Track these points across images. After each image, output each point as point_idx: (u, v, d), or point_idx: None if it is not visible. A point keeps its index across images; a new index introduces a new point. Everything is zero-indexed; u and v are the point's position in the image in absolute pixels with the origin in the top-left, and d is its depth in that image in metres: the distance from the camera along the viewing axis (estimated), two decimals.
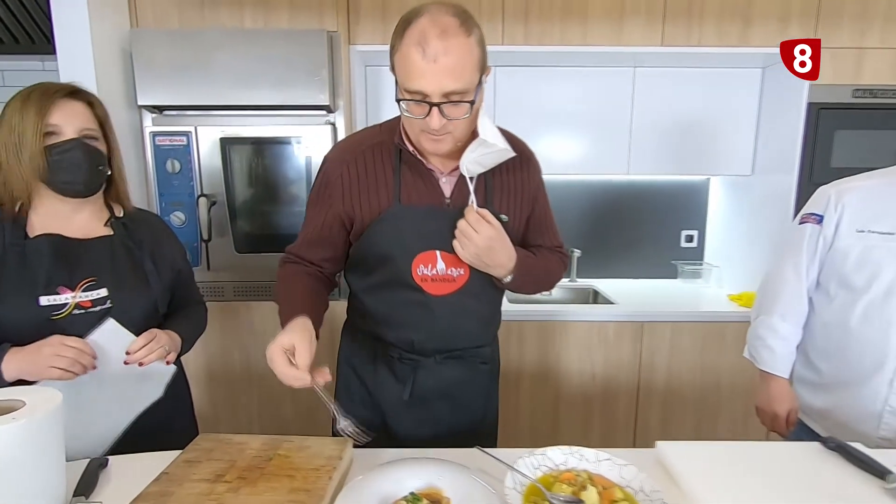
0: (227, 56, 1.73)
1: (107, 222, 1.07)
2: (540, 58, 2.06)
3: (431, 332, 1.03)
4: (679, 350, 2.07)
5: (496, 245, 0.95)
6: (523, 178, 1.06)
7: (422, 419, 1.09)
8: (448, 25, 0.82)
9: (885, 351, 1.09)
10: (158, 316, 1.10)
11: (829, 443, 0.94)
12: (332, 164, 1.01)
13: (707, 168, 2.33)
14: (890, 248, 1.09)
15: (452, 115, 0.87)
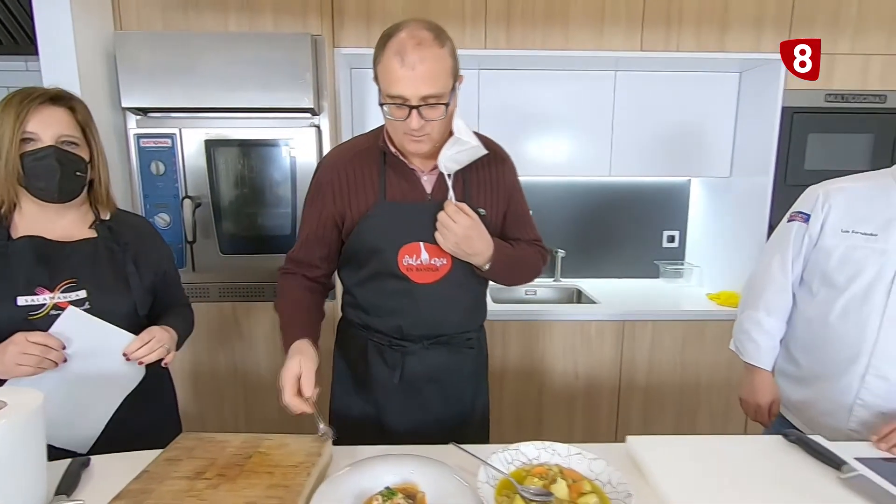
0: (212, 59, 1.74)
1: (91, 225, 1.08)
2: (522, 62, 2.10)
3: (418, 318, 1.12)
4: (660, 348, 2.12)
5: (473, 234, 1.03)
6: (498, 175, 1.15)
7: (412, 404, 1.16)
8: (424, 38, 0.93)
9: (859, 347, 1.13)
10: (138, 318, 1.11)
11: (790, 436, 0.99)
12: (324, 170, 1.12)
13: (687, 170, 2.38)
14: (872, 249, 1.12)
15: (429, 116, 0.97)
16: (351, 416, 1.20)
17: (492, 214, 1.13)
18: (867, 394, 1.13)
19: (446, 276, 1.10)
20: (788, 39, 1.94)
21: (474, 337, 1.22)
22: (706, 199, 2.53)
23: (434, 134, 1.00)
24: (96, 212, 1.10)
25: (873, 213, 1.14)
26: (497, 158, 1.15)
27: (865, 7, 1.94)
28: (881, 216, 1.13)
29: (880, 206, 1.14)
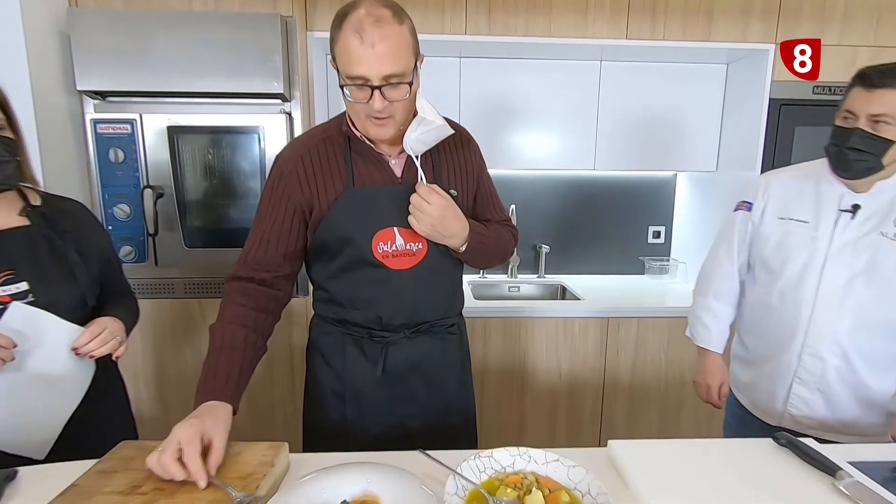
0: (175, 40, 1.63)
1: (21, 212, 0.98)
2: (505, 49, 2.02)
3: (397, 306, 1.07)
4: (644, 346, 2.07)
5: (449, 214, 1.00)
6: (466, 157, 1.13)
7: (396, 396, 1.11)
8: (382, 15, 0.87)
9: (795, 327, 1.20)
10: (87, 309, 1.03)
11: (781, 439, 0.93)
12: (284, 160, 1.04)
13: (673, 164, 2.34)
14: (804, 235, 1.20)
15: (392, 97, 0.91)
16: (328, 424, 1.13)
17: (462, 196, 1.10)
18: (804, 372, 1.20)
19: (423, 261, 1.06)
20: (781, 33, 1.91)
21: (455, 324, 1.18)
22: (692, 193, 2.49)
23: (398, 116, 0.95)
24: (24, 197, 1.00)
25: (806, 201, 1.21)
26: (463, 140, 1.13)
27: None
28: (812, 203, 1.20)
29: (812, 196, 1.21)
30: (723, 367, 1.36)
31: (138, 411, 1.89)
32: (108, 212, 1.73)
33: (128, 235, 1.74)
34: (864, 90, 1.06)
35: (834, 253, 1.16)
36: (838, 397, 1.18)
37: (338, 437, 1.11)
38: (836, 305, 1.16)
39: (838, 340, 1.16)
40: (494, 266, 1.22)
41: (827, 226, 1.17)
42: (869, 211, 1.14)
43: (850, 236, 1.15)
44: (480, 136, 2.17)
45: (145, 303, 1.82)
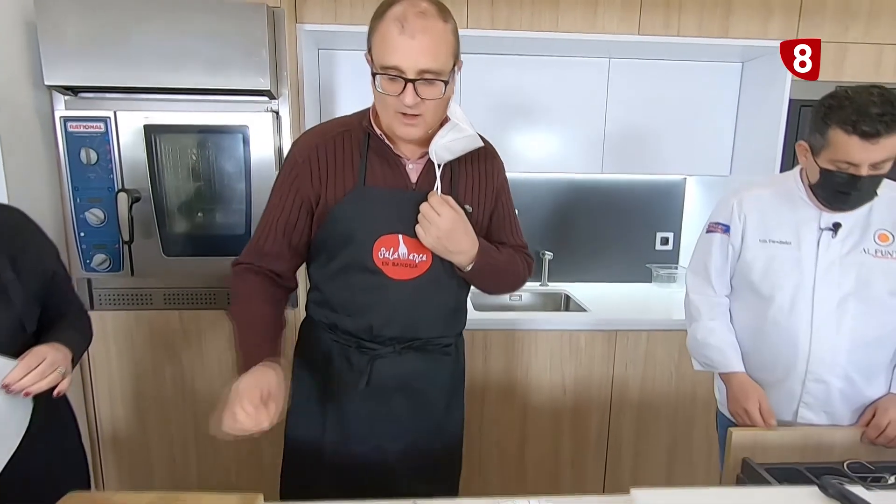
0: (152, 30, 1.50)
1: None
2: (508, 45, 1.90)
3: (390, 317, 1.02)
4: (653, 359, 1.95)
5: (458, 228, 0.95)
6: (488, 171, 1.07)
7: (379, 414, 1.06)
8: (427, 9, 0.85)
9: (795, 355, 1.17)
10: (26, 336, 0.89)
11: (829, 489, 0.81)
12: (299, 148, 1.01)
13: (683, 167, 2.22)
14: (788, 258, 1.16)
15: (426, 94, 0.87)
16: (307, 436, 1.09)
17: (478, 213, 1.04)
18: (808, 397, 1.18)
19: (425, 275, 1.01)
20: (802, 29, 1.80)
21: (452, 344, 1.12)
22: (702, 198, 2.37)
23: (428, 116, 0.91)
24: None
25: (784, 220, 1.18)
26: (488, 155, 1.08)
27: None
28: (791, 223, 1.17)
29: (788, 212, 1.18)
30: (753, 385, 1.22)
31: (113, 431, 1.78)
32: (80, 217, 1.60)
33: (101, 242, 1.61)
34: (866, 142, 1.00)
35: (821, 274, 1.14)
36: (841, 413, 1.19)
37: (316, 450, 1.08)
38: (833, 329, 1.14)
39: (839, 363, 1.15)
40: (503, 293, 1.15)
41: (810, 246, 1.15)
42: (848, 228, 1.14)
43: (835, 255, 1.14)
44: None
45: (121, 315, 1.71)
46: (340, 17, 1.72)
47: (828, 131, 1.03)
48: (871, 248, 1.13)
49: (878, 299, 1.12)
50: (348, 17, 1.74)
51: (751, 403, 1.18)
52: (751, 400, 1.18)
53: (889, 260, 1.12)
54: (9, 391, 0.82)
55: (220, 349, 1.75)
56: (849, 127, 0.99)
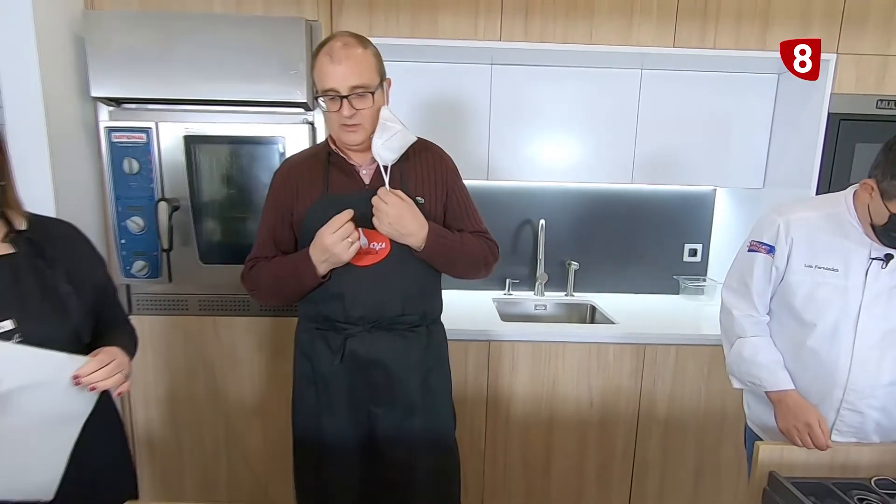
0: (193, 44, 1.54)
1: (5, 237, 0.89)
2: (538, 56, 1.90)
3: (357, 299, 1.19)
4: (683, 375, 1.93)
5: (405, 214, 1.13)
6: (435, 169, 1.26)
7: (358, 384, 1.23)
8: (348, 41, 1.11)
9: (832, 383, 1.17)
10: (81, 347, 0.92)
11: None
12: (277, 175, 1.27)
13: (714, 179, 2.19)
14: (835, 286, 1.14)
15: (359, 105, 1.11)
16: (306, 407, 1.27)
17: (430, 204, 1.23)
18: (842, 425, 1.18)
19: (385, 260, 1.19)
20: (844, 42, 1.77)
21: (421, 325, 1.27)
22: (733, 210, 2.34)
23: (365, 123, 1.13)
24: (8, 222, 0.90)
25: (833, 247, 1.16)
26: (434, 155, 1.28)
27: None
28: (840, 249, 1.15)
29: (838, 239, 1.15)
30: (809, 404, 1.18)
31: (147, 433, 1.82)
32: (122, 225, 1.64)
33: (141, 250, 1.65)
34: None
35: (868, 304, 1.13)
36: (873, 440, 1.19)
37: (314, 419, 1.25)
38: (874, 363, 1.13)
39: (878, 396, 1.14)
40: (472, 276, 1.29)
41: (858, 275, 1.13)
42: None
43: (884, 286, 1.12)
44: (510, 146, 2.08)
45: (158, 320, 1.75)
46: (375, 30, 1.74)
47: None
48: None
49: None
50: (383, 30, 1.75)
51: (812, 419, 1.14)
52: (812, 416, 1.14)
53: None
54: (77, 384, 0.85)
55: (251, 356, 1.78)
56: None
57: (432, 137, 1.32)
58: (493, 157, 2.08)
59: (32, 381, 0.83)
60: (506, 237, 2.39)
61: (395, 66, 1.79)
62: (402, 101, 1.86)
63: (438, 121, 2.02)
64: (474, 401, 1.90)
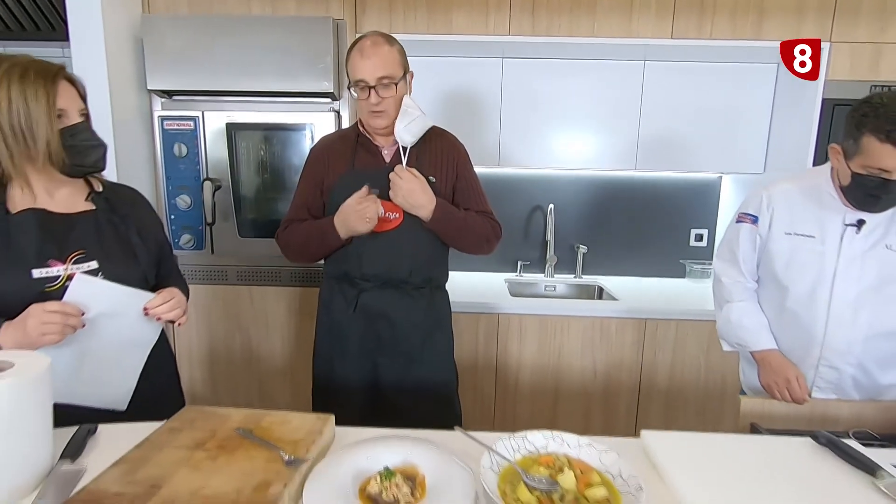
0: (234, 42, 1.75)
1: (88, 197, 1.08)
2: (547, 49, 2.04)
3: (373, 259, 1.36)
4: (683, 348, 2.04)
5: (417, 189, 1.29)
6: (447, 153, 1.42)
7: (366, 333, 1.40)
8: (377, 40, 1.29)
9: (810, 341, 1.26)
10: (147, 288, 1.11)
11: (820, 438, 0.92)
12: (313, 150, 1.46)
13: (719, 166, 2.29)
14: (812, 251, 1.23)
15: (384, 94, 1.29)
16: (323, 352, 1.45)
17: (441, 183, 1.38)
18: (821, 381, 1.26)
19: (399, 227, 1.35)
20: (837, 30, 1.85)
21: (425, 287, 1.42)
22: (738, 196, 2.42)
23: (390, 110, 1.31)
24: (89, 184, 1.10)
25: (810, 215, 1.25)
26: (447, 141, 1.44)
27: None
28: (817, 217, 1.23)
29: (815, 208, 1.24)
30: (790, 362, 1.28)
31: (190, 390, 2.04)
32: (171, 202, 1.86)
33: (188, 224, 1.87)
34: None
35: (842, 268, 1.21)
36: (852, 397, 1.26)
37: (329, 371, 1.43)
38: (848, 320, 1.21)
39: (853, 352, 1.22)
40: (476, 250, 1.44)
41: (833, 240, 1.21)
42: (873, 224, 1.19)
43: (857, 250, 1.20)
44: (521, 136, 2.23)
45: (201, 288, 1.96)
46: (395, 27, 1.92)
47: (861, 138, 1.08)
48: (893, 243, 1.18)
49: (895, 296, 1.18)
50: (402, 27, 1.93)
51: (791, 374, 1.25)
52: (791, 372, 1.25)
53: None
54: (146, 314, 1.04)
55: (281, 322, 1.98)
56: (882, 135, 1.04)
57: (447, 126, 1.48)
58: (504, 145, 2.23)
59: (112, 309, 1.03)
60: (517, 221, 2.53)
61: (414, 61, 1.95)
62: (421, 93, 2.03)
63: (453, 111, 2.19)
64: (484, 369, 2.06)
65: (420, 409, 1.41)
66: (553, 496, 0.76)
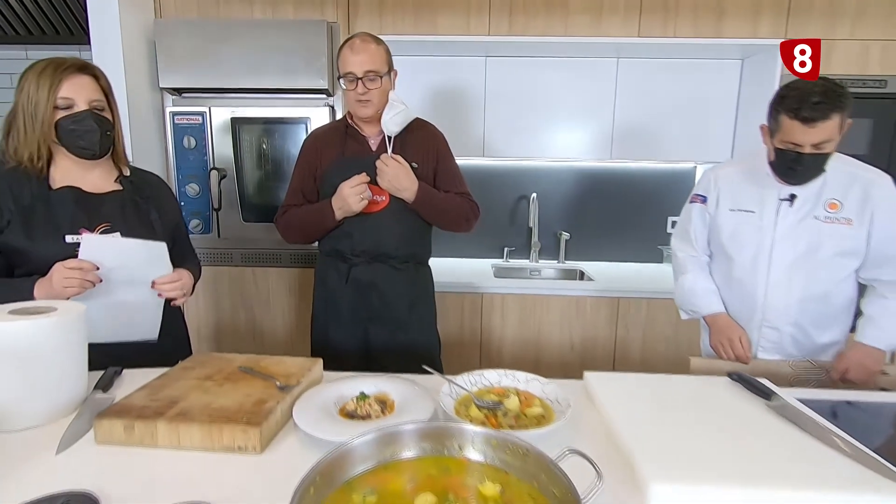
0: (238, 44, 1.93)
1: (116, 179, 1.27)
2: (526, 48, 2.21)
3: (362, 237, 1.52)
4: (653, 324, 2.19)
5: (401, 174, 1.46)
6: (428, 142, 1.58)
7: (358, 302, 1.57)
8: (365, 38, 1.45)
9: (754, 306, 1.41)
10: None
11: (733, 376, 1.08)
12: (306, 141, 1.62)
13: (688, 155, 2.44)
14: (752, 224, 1.38)
15: (370, 86, 1.44)
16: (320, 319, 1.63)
17: (423, 168, 1.54)
18: (764, 341, 1.41)
19: (385, 209, 1.51)
20: (791, 29, 2.00)
21: (409, 263, 1.58)
22: None
23: (374, 100, 1.46)
24: (118, 168, 1.28)
25: (750, 193, 1.40)
26: (428, 132, 1.60)
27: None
28: (756, 195, 1.39)
29: (755, 186, 1.39)
30: (736, 324, 1.43)
31: None
32: (182, 190, 2.05)
33: (197, 210, 2.06)
34: (804, 125, 1.20)
35: (779, 238, 1.35)
36: (793, 355, 1.40)
37: (324, 335, 1.60)
38: (785, 284, 1.35)
39: (790, 314, 1.37)
40: (456, 228, 1.59)
41: (770, 214, 1.36)
42: (803, 198, 1.33)
43: (791, 221, 1.35)
44: (504, 128, 2.39)
45: (209, 269, 2.14)
46: (384, 28, 2.09)
47: (779, 116, 1.25)
48: (821, 215, 1.32)
49: (825, 259, 1.33)
50: (391, 28, 2.11)
51: (735, 335, 1.40)
52: (735, 332, 1.40)
53: (837, 225, 1.31)
54: (153, 288, 1.21)
55: (282, 300, 2.16)
56: (792, 113, 1.20)
57: (436, 120, 1.64)
58: (488, 137, 2.40)
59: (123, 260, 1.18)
60: (503, 210, 2.70)
61: (404, 60, 2.14)
62: (410, 90, 2.21)
63: (441, 106, 2.36)
64: (470, 343, 2.22)
65: (406, 371, 1.56)
66: (498, 413, 0.93)
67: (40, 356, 0.91)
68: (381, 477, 0.69)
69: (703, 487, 0.72)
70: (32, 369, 0.90)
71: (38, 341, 0.90)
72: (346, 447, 0.68)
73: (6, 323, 0.88)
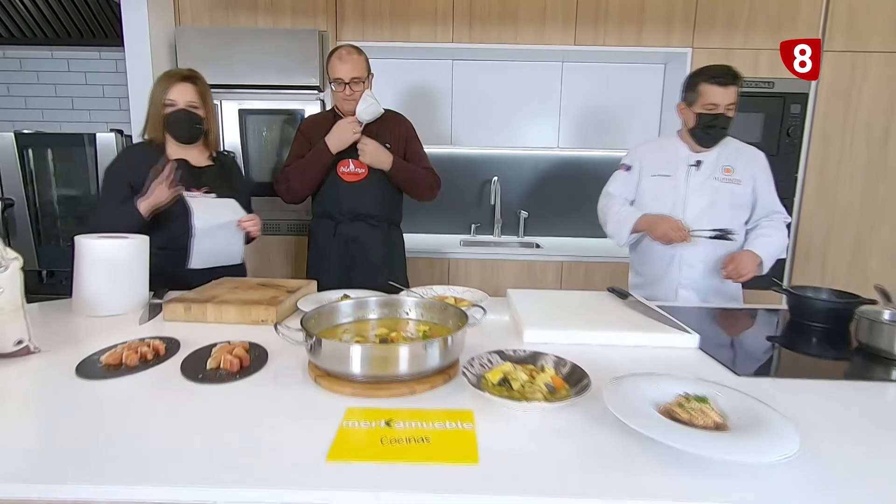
0: (245, 48, 2.34)
1: (209, 157, 1.72)
2: (486, 53, 2.64)
3: (345, 201, 1.93)
4: (591, 281, 2.63)
5: (378, 151, 1.88)
6: (400, 127, 2.00)
7: (343, 251, 1.96)
8: (350, 50, 1.85)
9: (671, 260, 1.76)
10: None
11: (612, 290, 1.52)
12: (301, 126, 2.04)
13: (622, 143, 2.89)
14: (668, 185, 1.76)
15: (355, 89, 1.86)
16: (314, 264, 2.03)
17: (395, 149, 1.93)
18: (683, 279, 1.77)
19: (365, 178, 1.93)
20: (697, 38, 2.43)
21: (384, 223, 1.99)
22: None
23: (356, 97, 1.85)
24: (209, 150, 1.73)
25: (665, 162, 1.77)
26: (400, 121, 2.00)
27: (755, 9, 2.43)
28: (670, 163, 1.76)
29: (670, 156, 1.77)
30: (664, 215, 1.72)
31: None
32: None
33: None
34: (721, 87, 1.62)
35: (689, 194, 1.73)
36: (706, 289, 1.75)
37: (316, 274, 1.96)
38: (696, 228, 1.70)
39: (700, 254, 1.73)
40: (424, 196, 2.00)
41: (681, 177, 1.75)
42: (706, 163, 1.74)
43: (698, 182, 1.73)
44: (470, 123, 2.84)
45: None
46: (366, 36, 2.51)
47: (698, 86, 1.65)
48: (720, 176, 1.72)
49: (724, 210, 1.71)
50: (372, 36, 2.52)
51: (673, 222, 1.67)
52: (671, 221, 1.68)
53: (731, 185, 1.71)
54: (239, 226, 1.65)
55: (281, 263, 2.56)
56: (709, 79, 1.61)
57: (410, 114, 2.05)
58: (455, 129, 2.83)
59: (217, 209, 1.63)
60: (470, 192, 3.13)
61: (382, 63, 2.57)
62: (388, 88, 2.63)
63: (414, 102, 2.79)
64: None
65: None
66: None
67: (120, 264, 1.32)
68: (356, 325, 1.12)
69: (555, 332, 1.16)
70: (115, 273, 1.32)
71: (119, 255, 1.32)
72: (335, 304, 1.11)
73: (100, 241, 1.30)
